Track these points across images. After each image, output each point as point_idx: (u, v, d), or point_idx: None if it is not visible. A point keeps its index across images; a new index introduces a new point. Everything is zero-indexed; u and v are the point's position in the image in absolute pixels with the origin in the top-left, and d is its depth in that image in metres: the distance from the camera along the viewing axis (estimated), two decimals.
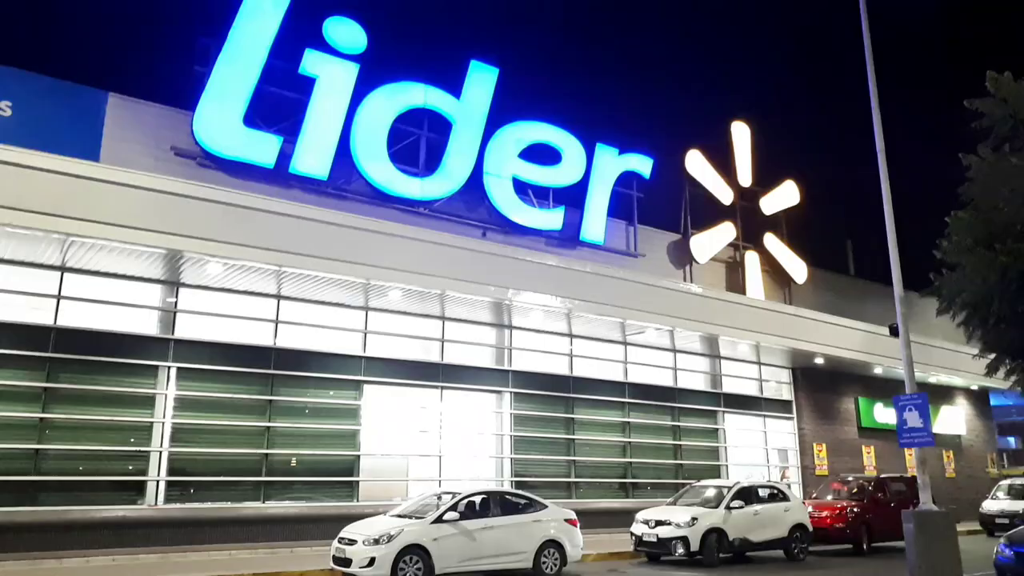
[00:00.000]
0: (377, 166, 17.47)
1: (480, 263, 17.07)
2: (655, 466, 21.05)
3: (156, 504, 13.93)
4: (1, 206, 12.10)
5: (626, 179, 21.95)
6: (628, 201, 22.33)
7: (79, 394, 13.77)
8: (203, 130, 15.49)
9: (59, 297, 13.81)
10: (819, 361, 23.75)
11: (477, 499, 13.12)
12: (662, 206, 24.36)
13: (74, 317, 13.87)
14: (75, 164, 12.91)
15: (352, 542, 11.77)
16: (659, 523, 15.04)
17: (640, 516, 15.58)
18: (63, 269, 13.87)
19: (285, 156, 16.34)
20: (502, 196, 19.33)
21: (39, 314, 13.60)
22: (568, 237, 20.59)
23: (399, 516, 12.65)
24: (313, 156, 16.75)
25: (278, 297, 16.00)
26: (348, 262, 15.23)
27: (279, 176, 16.35)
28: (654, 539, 14.95)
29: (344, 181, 17.38)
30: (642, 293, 19.38)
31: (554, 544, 13.19)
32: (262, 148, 16.10)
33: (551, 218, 20.21)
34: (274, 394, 15.65)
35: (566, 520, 13.58)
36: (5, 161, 12.26)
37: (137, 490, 13.98)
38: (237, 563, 12.63)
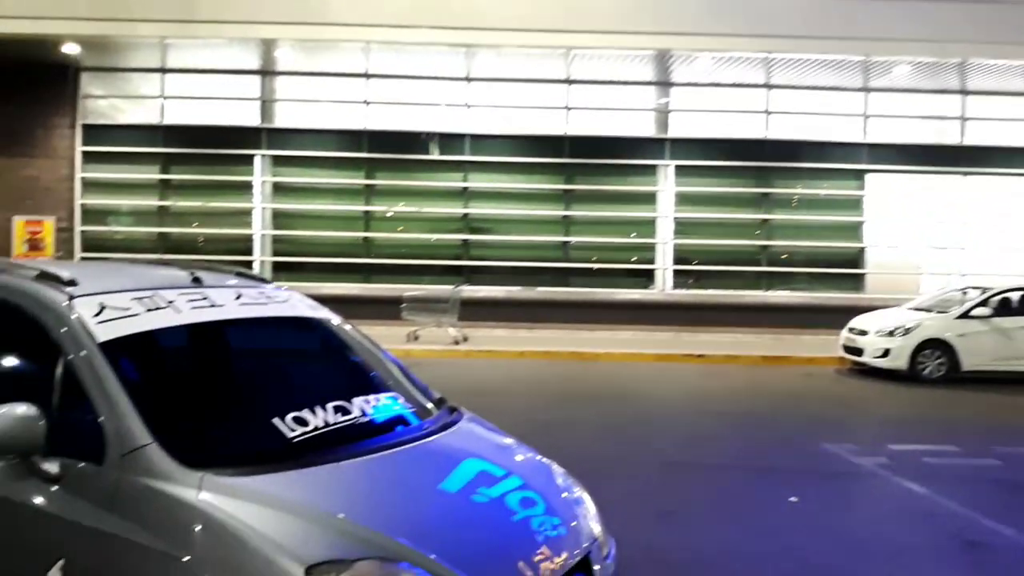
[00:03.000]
0: None
1: (1020, 16, 13.75)
2: None
3: (664, 290, 15.27)
4: (513, 29, 13.60)
5: None
6: None
7: (592, 194, 15.44)
8: None
9: (568, 108, 15.29)
10: None
11: (1015, 295, 11.36)
12: None
13: (582, 125, 15.27)
14: None
15: (863, 332, 11.35)
16: None
17: None
18: (569, 82, 15.22)
19: None
20: None
21: (553, 125, 15.29)
22: None
23: (916, 310, 11.73)
24: None
25: (767, 87, 15.30)
26: (843, 38, 13.65)
27: None
28: None
29: None
30: None
31: None
32: None
33: None
34: (768, 186, 15.43)
35: None
36: None
37: (647, 277, 15.47)
38: (743, 345, 13.27)
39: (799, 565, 4.36)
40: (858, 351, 11.30)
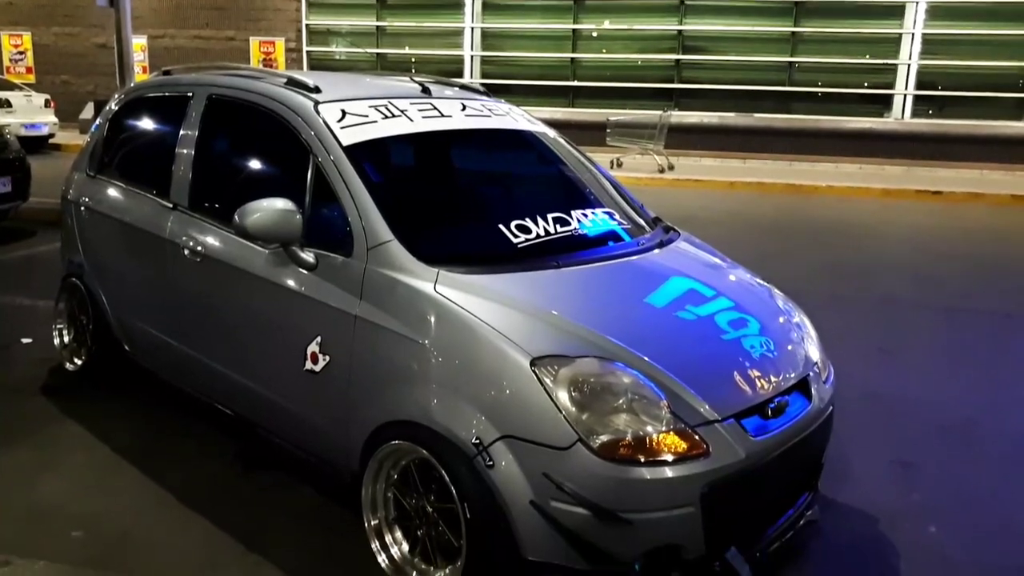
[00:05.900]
0: None
1: None
2: None
3: (902, 118, 13.71)
4: None
5: None
6: None
7: (827, 7, 13.78)
8: None
9: None
10: None
11: None
12: None
13: None
14: None
15: None
16: None
17: None
18: None
19: None
20: None
21: None
22: None
23: None
24: None
25: None
26: None
27: None
28: None
29: None
30: None
31: None
32: None
33: None
34: None
35: None
36: None
37: (883, 103, 13.93)
38: (991, 183, 11.79)
39: None
40: None
